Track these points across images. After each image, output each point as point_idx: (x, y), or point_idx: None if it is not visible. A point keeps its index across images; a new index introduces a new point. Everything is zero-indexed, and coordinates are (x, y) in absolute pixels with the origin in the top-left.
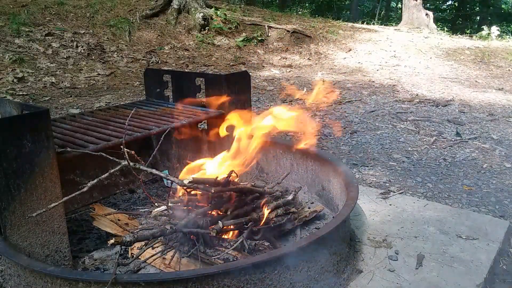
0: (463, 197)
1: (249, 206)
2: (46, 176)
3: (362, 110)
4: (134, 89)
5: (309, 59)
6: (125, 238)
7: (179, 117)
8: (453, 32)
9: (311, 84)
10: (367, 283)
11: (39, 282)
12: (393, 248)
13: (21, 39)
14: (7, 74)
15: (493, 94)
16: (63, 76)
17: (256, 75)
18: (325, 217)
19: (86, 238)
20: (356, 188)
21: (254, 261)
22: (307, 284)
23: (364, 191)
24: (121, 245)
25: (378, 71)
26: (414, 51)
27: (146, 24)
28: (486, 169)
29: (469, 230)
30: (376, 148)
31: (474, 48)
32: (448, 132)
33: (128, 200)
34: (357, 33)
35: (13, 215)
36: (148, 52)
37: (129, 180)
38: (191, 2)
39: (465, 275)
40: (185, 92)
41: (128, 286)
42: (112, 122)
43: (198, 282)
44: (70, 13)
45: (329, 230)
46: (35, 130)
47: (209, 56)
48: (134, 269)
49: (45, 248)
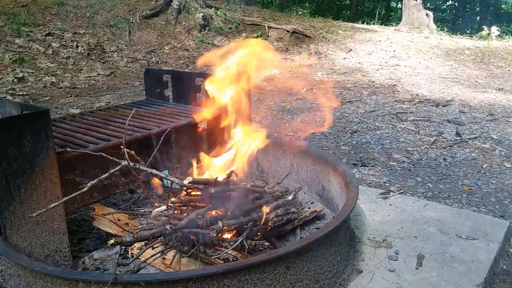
0: (463, 197)
1: (249, 206)
2: (46, 176)
3: (362, 110)
4: (134, 89)
5: (309, 59)
6: (125, 239)
7: (179, 117)
8: (453, 32)
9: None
10: (367, 283)
11: (39, 282)
12: (393, 248)
13: (21, 39)
14: (7, 74)
15: (493, 94)
16: (63, 76)
17: (256, 75)
18: (325, 217)
19: (86, 238)
20: (356, 188)
21: (254, 261)
22: (307, 284)
23: (364, 191)
24: (121, 245)
25: (378, 71)
26: (414, 51)
27: (146, 24)
28: (486, 169)
29: (469, 230)
30: (376, 148)
31: (474, 48)
32: (448, 132)
33: (128, 200)
34: (357, 33)
35: (13, 215)
36: (148, 52)
37: (129, 180)
38: (191, 2)
39: (465, 275)
40: (185, 92)
41: (128, 286)
42: (112, 122)
43: (198, 282)
44: (70, 13)
45: (329, 230)
46: (35, 130)
47: None
48: (134, 269)
49: (45, 248)
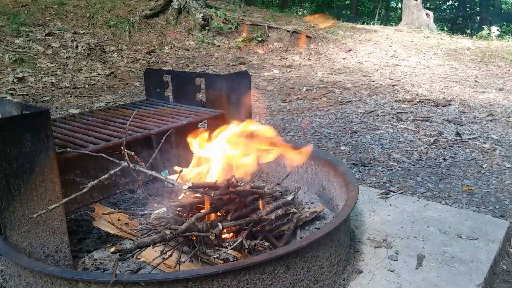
0: (463, 197)
1: (249, 207)
2: (46, 176)
3: (362, 110)
4: (134, 89)
5: (309, 59)
6: (126, 246)
7: (179, 117)
8: (453, 32)
9: (311, 84)
10: (367, 283)
11: (39, 282)
12: (393, 248)
13: (21, 39)
14: (7, 74)
15: (493, 94)
16: (63, 76)
17: (256, 75)
18: (325, 217)
19: (86, 238)
20: (356, 188)
21: (254, 261)
22: (307, 284)
23: (364, 191)
24: (122, 253)
25: (378, 71)
26: (414, 51)
27: (146, 24)
28: (486, 169)
29: (469, 230)
30: (376, 148)
31: (474, 48)
32: (448, 132)
33: (128, 200)
34: (357, 33)
35: (13, 215)
36: (148, 52)
37: (129, 180)
38: (191, 2)
39: (465, 275)
40: (185, 92)
41: (128, 286)
42: (112, 122)
43: (198, 282)
44: (70, 13)
45: (329, 230)
46: (35, 130)
47: (209, 56)
48: (134, 269)
49: (45, 248)
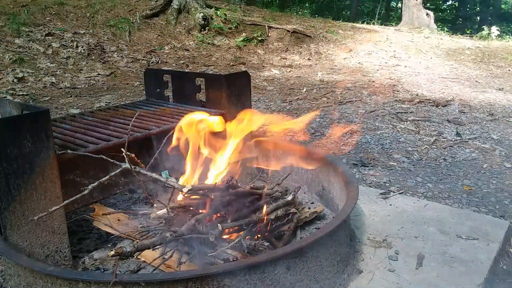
0: (463, 197)
1: (249, 208)
2: (46, 176)
3: (362, 110)
4: (134, 89)
5: (309, 59)
6: (126, 249)
7: (179, 117)
8: (453, 32)
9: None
10: (367, 283)
11: (39, 282)
12: (393, 248)
13: (21, 39)
14: (7, 74)
15: (493, 94)
16: (63, 76)
17: (256, 75)
18: (325, 217)
19: (86, 238)
20: (356, 188)
21: (254, 261)
22: (307, 284)
23: (364, 191)
24: (122, 256)
25: (378, 71)
26: (414, 51)
27: (146, 24)
28: (486, 169)
29: (469, 230)
30: (376, 148)
31: (474, 48)
32: (448, 132)
33: (128, 200)
34: (357, 33)
35: (13, 215)
36: (148, 52)
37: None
38: (191, 2)
39: (465, 275)
40: (185, 92)
41: (128, 286)
42: (112, 122)
43: (198, 282)
44: (70, 13)
45: (329, 230)
46: (35, 130)
47: (209, 56)
48: (134, 269)
49: (45, 248)
